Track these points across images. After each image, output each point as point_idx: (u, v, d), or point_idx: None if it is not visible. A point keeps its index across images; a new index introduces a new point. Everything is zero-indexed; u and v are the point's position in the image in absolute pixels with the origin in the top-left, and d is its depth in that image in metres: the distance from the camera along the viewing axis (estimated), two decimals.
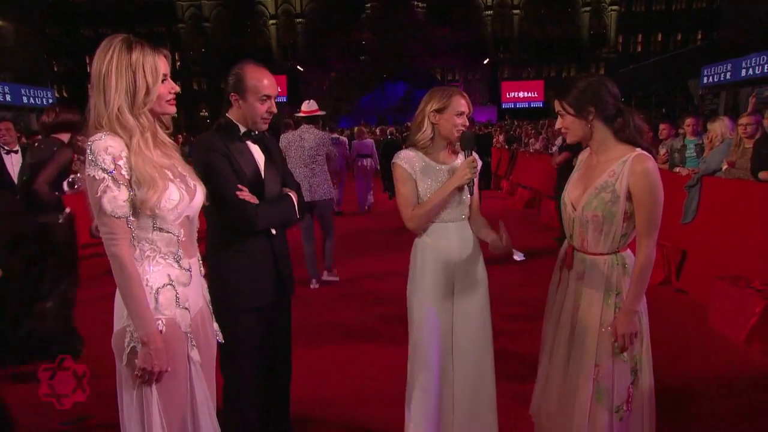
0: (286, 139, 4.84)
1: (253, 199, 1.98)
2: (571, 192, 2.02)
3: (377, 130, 15.28)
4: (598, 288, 1.93)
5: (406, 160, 2.14)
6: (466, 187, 2.12)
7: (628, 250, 1.97)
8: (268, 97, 2.03)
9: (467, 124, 2.15)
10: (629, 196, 1.85)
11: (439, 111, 2.11)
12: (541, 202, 8.90)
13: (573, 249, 2.03)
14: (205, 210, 1.79)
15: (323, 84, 40.63)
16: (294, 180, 2.26)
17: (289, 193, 2.12)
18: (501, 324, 4.02)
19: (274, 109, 2.04)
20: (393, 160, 2.17)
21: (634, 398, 1.92)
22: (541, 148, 10.79)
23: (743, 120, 4.70)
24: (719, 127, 5.21)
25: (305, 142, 4.77)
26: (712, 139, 5.25)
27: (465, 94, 2.16)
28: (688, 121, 5.75)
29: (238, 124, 2.06)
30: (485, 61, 38.52)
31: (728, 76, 15.13)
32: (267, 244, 2.07)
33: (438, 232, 2.16)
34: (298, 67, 37.55)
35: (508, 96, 37.24)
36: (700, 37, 35.79)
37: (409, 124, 16.81)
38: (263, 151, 2.11)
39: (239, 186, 1.96)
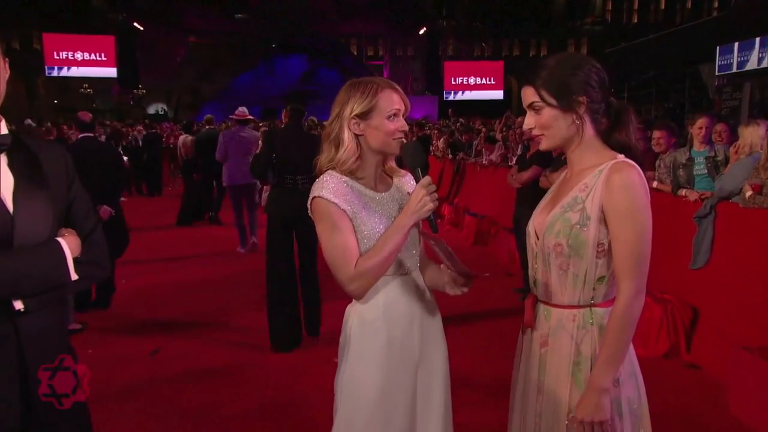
0: (229, 135, 9.65)
1: None
2: (536, 219, 2.11)
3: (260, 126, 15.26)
4: (564, 358, 1.99)
5: (335, 191, 2.13)
6: (429, 221, 2.15)
7: (611, 308, 2.00)
8: None
9: (406, 127, 2.19)
10: (604, 219, 1.91)
11: (362, 116, 2.15)
12: (498, 235, 9.10)
13: (536, 300, 2.09)
14: None
15: (176, 52, 39.86)
16: (90, 214, 2.05)
17: (60, 240, 1.88)
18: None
19: None
20: (313, 194, 2.16)
21: None
22: (498, 159, 11.10)
23: None
24: (750, 134, 5.42)
25: (243, 138, 9.50)
26: (738, 150, 5.48)
27: (395, 84, 2.20)
28: (701, 122, 5.94)
29: None
30: (421, 31, 39.65)
31: (756, 60, 15.89)
32: (7, 329, 1.80)
33: (392, 292, 2.20)
34: (136, 24, 36.62)
35: (453, 82, 38.42)
36: (716, 5, 38.76)
37: (314, 119, 16.01)
38: (15, 170, 1.88)
39: None
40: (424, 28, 39.52)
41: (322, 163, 2.22)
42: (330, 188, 2.13)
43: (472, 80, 38.29)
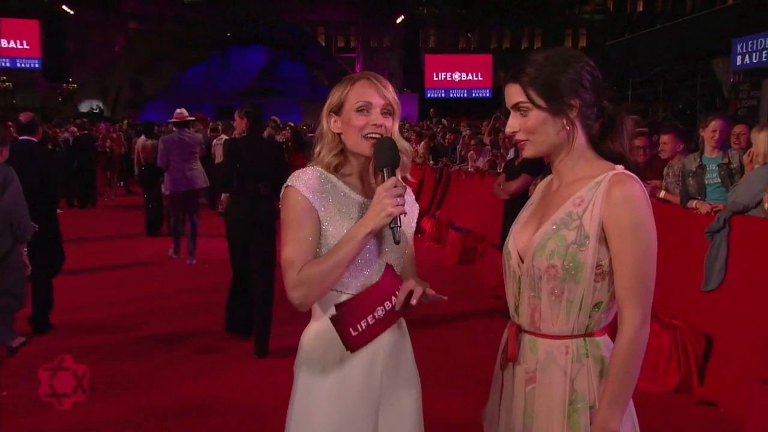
0: (169, 140, 10.16)
1: None
2: (518, 237, 2.11)
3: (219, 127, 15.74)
4: (557, 397, 1.98)
5: (309, 184, 2.17)
6: (390, 231, 2.11)
7: (606, 336, 2.02)
8: None
9: (384, 123, 2.21)
10: (603, 238, 1.92)
11: (336, 111, 2.24)
12: (485, 253, 9.11)
13: (519, 331, 2.08)
14: None
15: (114, 41, 39.68)
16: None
17: None
18: None
19: None
20: (287, 183, 2.21)
21: None
22: (485, 166, 11.14)
23: None
24: (763, 141, 5.43)
25: (184, 142, 10.08)
26: (753, 158, 5.50)
27: (377, 76, 2.26)
28: (714, 124, 5.96)
29: None
30: (399, 20, 39.83)
31: None
32: None
33: None
34: (65, 7, 36.31)
35: (435, 78, 38.62)
36: None
37: (275, 119, 17.56)
38: None
39: None
40: (402, 17, 39.68)
41: (313, 161, 2.29)
42: (305, 179, 2.18)
43: (456, 76, 38.47)
